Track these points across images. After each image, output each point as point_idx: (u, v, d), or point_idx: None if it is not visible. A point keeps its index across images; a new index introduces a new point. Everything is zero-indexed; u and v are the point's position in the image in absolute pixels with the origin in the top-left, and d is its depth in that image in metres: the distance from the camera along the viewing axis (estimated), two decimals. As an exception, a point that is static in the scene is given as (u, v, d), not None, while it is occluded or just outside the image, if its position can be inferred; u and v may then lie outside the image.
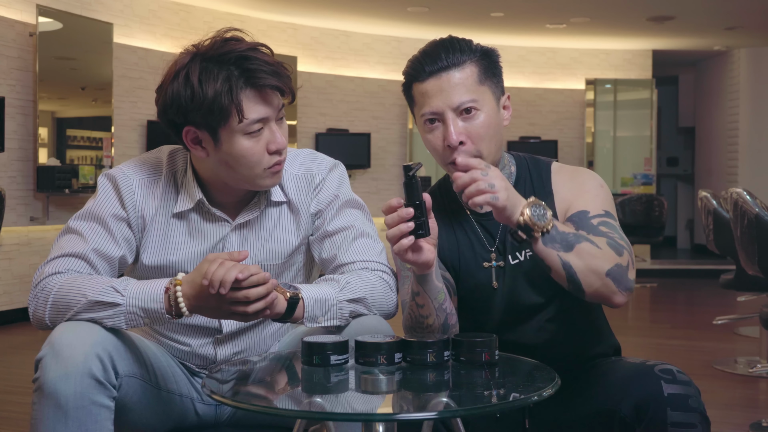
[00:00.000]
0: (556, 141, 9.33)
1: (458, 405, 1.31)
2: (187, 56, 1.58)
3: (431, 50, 1.66)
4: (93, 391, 1.42)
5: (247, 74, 1.54)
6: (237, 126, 1.55)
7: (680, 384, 1.48)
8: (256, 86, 1.55)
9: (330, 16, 8.17)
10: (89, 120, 6.61)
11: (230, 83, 1.53)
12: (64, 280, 1.55)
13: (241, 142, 1.57)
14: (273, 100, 1.58)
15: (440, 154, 1.66)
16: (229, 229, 1.70)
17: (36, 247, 6.06)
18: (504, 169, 1.74)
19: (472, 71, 1.64)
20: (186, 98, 1.54)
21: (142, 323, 1.52)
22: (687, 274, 9.13)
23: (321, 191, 1.75)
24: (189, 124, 1.58)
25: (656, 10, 7.86)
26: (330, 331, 1.61)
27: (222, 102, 1.53)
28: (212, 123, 1.56)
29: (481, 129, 1.63)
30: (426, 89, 1.64)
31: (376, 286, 1.66)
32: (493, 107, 1.66)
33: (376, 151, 8.77)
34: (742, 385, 4.07)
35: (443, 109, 1.63)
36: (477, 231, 1.74)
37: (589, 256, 1.49)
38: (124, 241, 1.65)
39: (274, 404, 1.36)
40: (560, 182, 1.73)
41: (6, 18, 5.78)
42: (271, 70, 1.56)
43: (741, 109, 9.82)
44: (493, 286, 1.70)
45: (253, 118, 1.56)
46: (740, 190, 3.43)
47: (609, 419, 1.54)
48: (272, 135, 1.60)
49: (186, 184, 1.68)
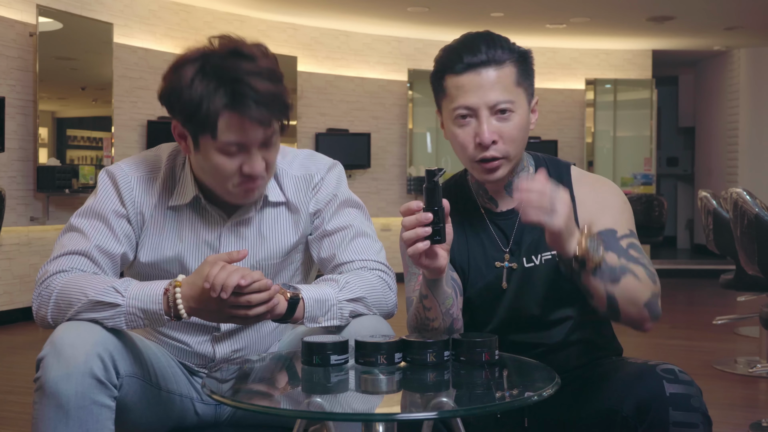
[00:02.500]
0: (556, 141, 9.32)
1: (458, 405, 1.31)
2: (196, 53, 1.56)
3: (470, 42, 1.62)
4: (94, 390, 1.43)
5: (234, 98, 1.50)
6: (211, 141, 1.55)
7: (682, 384, 1.48)
8: (239, 112, 1.51)
9: (330, 16, 8.17)
10: (89, 120, 6.62)
11: (215, 99, 1.50)
12: (67, 279, 1.55)
13: (215, 156, 1.56)
14: (255, 129, 1.53)
15: (468, 151, 1.63)
16: (224, 226, 1.70)
17: (36, 247, 6.06)
18: (523, 168, 1.73)
19: (511, 71, 1.62)
20: (177, 95, 1.54)
21: (142, 324, 1.52)
22: (687, 274, 9.13)
23: (320, 191, 1.75)
24: (175, 119, 1.59)
25: (656, 10, 7.86)
26: (329, 330, 1.61)
27: (203, 113, 1.52)
28: (192, 128, 1.56)
29: (514, 131, 1.62)
30: (462, 83, 1.60)
31: (375, 285, 1.66)
32: (525, 110, 1.65)
33: (376, 151, 8.77)
34: (742, 385, 4.07)
35: (479, 106, 1.60)
36: (490, 231, 1.72)
37: (632, 289, 1.50)
38: (125, 237, 1.66)
39: (274, 404, 1.36)
40: (584, 192, 1.70)
41: (6, 18, 5.78)
42: (263, 101, 1.51)
43: (741, 109, 9.82)
44: (502, 287, 1.70)
45: (226, 141, 1.54)
46: (740, 190, 3.43)
47: (610, 419, 1.54)
48: (249, 159, 1.56)
49: (183, 179, 1.69)
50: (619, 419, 1.52)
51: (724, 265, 7.47)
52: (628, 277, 1.49)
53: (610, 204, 1.68)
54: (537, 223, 1.42)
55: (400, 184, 8.91)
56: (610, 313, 1.52)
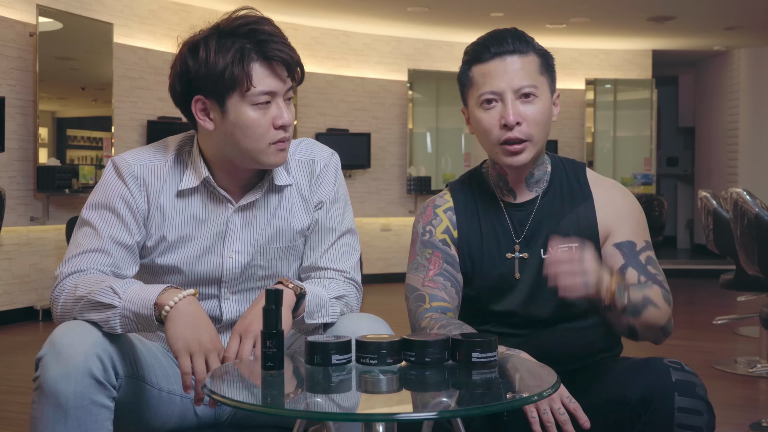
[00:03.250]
0: (556, 141, 9.33)
1: (458, 405, 1.31)
2: (202, 33, 1.62)
3: (497, 35, 1.72)
4: (93, 390, 1.43)
5: (258, 45, 1.58)
6: (245, 95, 1.57)
7: (688, 373, 1.53)
8: (266, 57, 1.58)
9: (330, 16, 8.17)
10: (89, 120, 6.62)
11: (242, 53, 1.56)
12: (77, 280, 1.56)
13: (248, 113, 1.59)
14: (281, 74, 1.61)
15: (493, 134, 1.70)
16: (232, 210, 1.70)
17: (36, 247, 6.06)
18: (542, 165, 1.79)
19: (534, 60, 1.71)
20: (198, 66, 1.57)
21: (136, 328, 1.52)
22: (687, 274, 9.13)
23: (321, 184, 1.76)
24: (198, 93, 1.60)
25: (656, 10, 7.86)
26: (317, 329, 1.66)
27: (232, 70, 1.56)
28: (221, 90, 1.57)
29: (538, 114, 1.69)
30: (489, 69, 1.69)
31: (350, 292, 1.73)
32: (548, 99, 1.73)
33: (376, 151, 8.77)
34: (742, 385, 4.07)
35: (504, 89, 1.68)
36: (506, 222, 1.78)
37: (651, 319, 1.61)
38: (136, 225, 1.66)
39: (274, 404, 1.36)
40: (602, 194, 1.78)
41: (6, 18, 5.78)
42: (281, 42, 1.60)
43: (741, 109, 9.82)
44: (515, 277, 1.75)
45: (262, 90, 1.58)
46: (740, 190, 3.43)
47: (618, 408, 1.56)
48: (279, 110, 1.61)
49: (193, 162, 1.69)
50: (624, 407, 1.55)
51: (724, 265, 7.47)
52: (649, 310, 1.59)
53: (628, 214, 1.76)
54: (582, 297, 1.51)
55: (400, 184, 8.91)
56: (628, 336, 1.65)
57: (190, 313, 1.49)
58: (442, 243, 1.79)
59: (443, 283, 1.75)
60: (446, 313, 1.72)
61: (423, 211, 1.85)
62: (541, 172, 1.78)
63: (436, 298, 1.74)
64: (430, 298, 1.74)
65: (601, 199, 1.77)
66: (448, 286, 1.75)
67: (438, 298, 1.74)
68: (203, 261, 1.70)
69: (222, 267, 1.70)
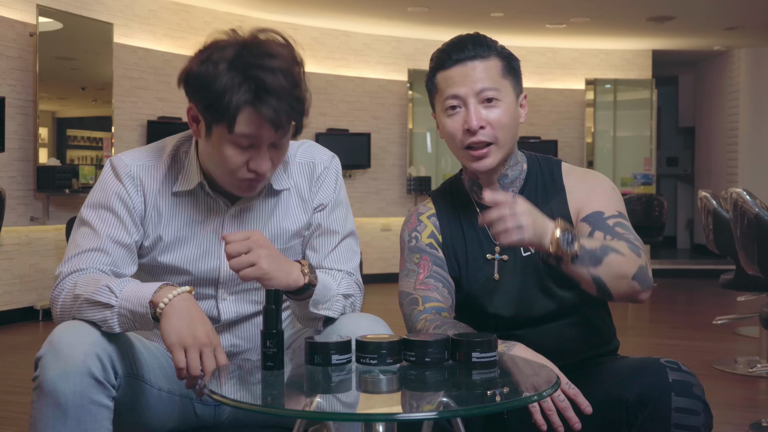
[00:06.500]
0: (556, 141, 9.33)
1: (458, 405, 1.31)
2: (228, 44, 1.56)
3: (458, 41, 1.74)
4: (92, 390, 1.43)
5: (257, 94, 1.52)
6: (226, 133, 1.55)
7: (685, 373, 1.52)
8: (258, 110, 1.52)
9: (330, 16, 8.17)
10: (89, 120, 6.62)
11: (239, 94, 1.51)
12: (76, 279, 1.56)
13: (226, 147, 1.57)
14: (270, 130, 1.55)
15: (458, 139, 1.72)
16: (227, 212, 1.70)
17: (36, 247, 6.06)
18: (516, 165, 1.80)
19: (496, 64, 1.73)
20: (202, 81, 1.54)
21: (134, 327, 1.52)
22: (687, 274, 9.14)
23: (321, 187, 1.76)
24: (195, 103, 1.59)
25: (656, 10, 7.86)
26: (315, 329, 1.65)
27: (224, 104, 1.53)
28: (212, 114, 1.56)
29: (502, 117, 1.71)
30: (451, 75, 1.72)
31: (356, 292, 1.72)
32: (512, 101, 1.74)
33: (376, 151, 8.77)
34: (742, 385, 4.07)
35: (466, 94, 1.70)
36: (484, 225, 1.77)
37: (616, 266, 1.55)
38: (133, 225, 1.67)
39: (274, 404, 1.36)
40: (572, 182, 1.79)
41: (6, 18, 5.78)
42: (283, 105, 1.53)
43: (741, 109, 9.82)
44: (494, 278, 1.76)
45: (240, 134, 1.54)
46: (740, 190, 3.43)
47: (615, 408, 1.56)
48: (257, 155, 1.57)
49: (188, 166, 1.69)
50: (621, 406, 1.54)
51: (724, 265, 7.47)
52: (610, 256, 1.55)
53: (599, 190, 1.76)
54: (514, 244, 1.49)
55: (400, 184, 8.91)
56: (600, 294, 1.58)
57: (185, 309, 1.49)
58: (429, 247, 1.82)
59: (434, 284, 1.77)
60: (441, 313, 1.74)
61: (408, 219, 1.88)
62: (516, 171, 1.80)
63: (429, 299, 1.76)
64: (424, 300, 1.76)
65: (571, 186, 1.78)
66: (440, 287, 1.77)
67: (431, 299, 1.76)
68: (201, 262, 1.70)
69: (219, 268, 1.71)
